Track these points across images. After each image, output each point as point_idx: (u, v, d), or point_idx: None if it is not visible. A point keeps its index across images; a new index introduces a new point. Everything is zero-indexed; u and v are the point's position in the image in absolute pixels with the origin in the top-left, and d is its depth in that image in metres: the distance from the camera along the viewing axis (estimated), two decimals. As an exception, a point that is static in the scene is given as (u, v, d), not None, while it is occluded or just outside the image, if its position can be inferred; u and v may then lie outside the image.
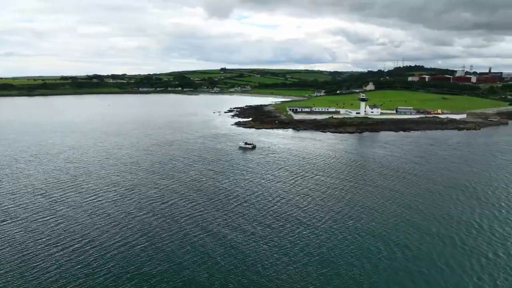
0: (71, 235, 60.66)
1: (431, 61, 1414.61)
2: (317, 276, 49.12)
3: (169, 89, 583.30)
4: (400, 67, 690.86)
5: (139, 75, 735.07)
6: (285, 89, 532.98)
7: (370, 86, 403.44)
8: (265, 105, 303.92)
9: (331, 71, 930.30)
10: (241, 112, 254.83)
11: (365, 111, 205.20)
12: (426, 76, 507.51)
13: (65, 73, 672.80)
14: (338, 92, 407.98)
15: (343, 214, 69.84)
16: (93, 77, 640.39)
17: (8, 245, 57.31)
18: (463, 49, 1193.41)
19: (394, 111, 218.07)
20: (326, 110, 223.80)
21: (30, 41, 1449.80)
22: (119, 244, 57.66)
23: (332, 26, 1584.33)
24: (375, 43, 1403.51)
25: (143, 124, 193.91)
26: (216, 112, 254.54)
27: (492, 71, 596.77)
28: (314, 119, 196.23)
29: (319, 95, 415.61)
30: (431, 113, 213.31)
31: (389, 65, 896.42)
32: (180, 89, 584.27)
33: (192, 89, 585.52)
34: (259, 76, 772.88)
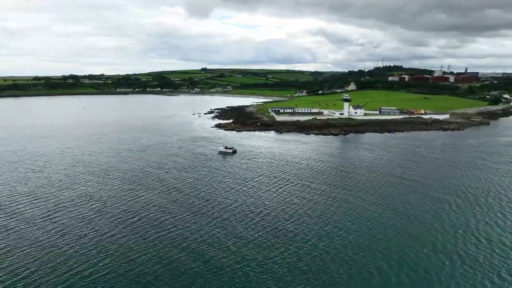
0: (19, 260, 51.65)
1: (409, 61, 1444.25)
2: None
3: (148, 89, 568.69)
4: (380, 67, 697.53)
5: (117, 75, 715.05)
6: (266, 89, 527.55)
7: (352, 86, 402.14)
8: (247, 106, 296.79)
9: (312, 71, 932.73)
10: (221, 114, 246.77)
11: (348, 112, 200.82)
12: (406, 76, 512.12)
13: (41, 74, 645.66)
14: (320, 92, 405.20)
15: (332, 225, 63.31)
16: (69, 77, 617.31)
17: None
18: (438, 49, 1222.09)
19: (378, 112, 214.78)
20: (309, 111, 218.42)
21: (2, 40, 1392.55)
22: (79, 269, 49.17)
23: (313, 26, 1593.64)
24: (354, 43, 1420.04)
25: (116, 127, 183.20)
26: (195, 114, 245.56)
27: (468, 71, 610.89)
28: (297, 121, 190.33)
29: (301, 95, 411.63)
30: (414, 113, 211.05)
31: (369, 65, 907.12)
32: (159, 89, 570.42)
33: (171, 89, 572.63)
34: (240, 76, 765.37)
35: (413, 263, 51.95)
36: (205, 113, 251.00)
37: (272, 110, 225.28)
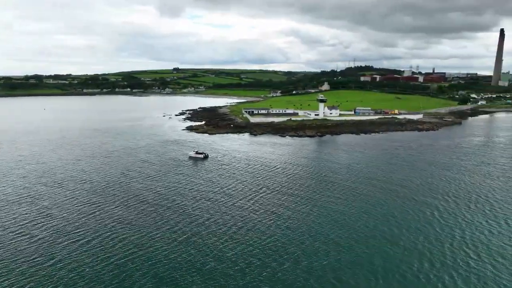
0: None
1: (378, 61, 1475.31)
2: None
3: (117, 90, 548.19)
4: (351, 67, 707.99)
5: (86, 75, 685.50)
6: (240, 90, 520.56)
7: (325, 86, 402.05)
8: (220, 107, 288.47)
9: (285, 71, 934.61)
10: (193, 115, 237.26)
11: (324, 113, 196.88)
12: (377, 76, 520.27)
13: (1, 73, 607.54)
14: (294, 92, 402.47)
15: (313, 238, 56.87)
16: (32, 77, 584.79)
17: None
18: (406, 50, 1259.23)
19: (353, 112, 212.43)
20: (284, 112, 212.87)
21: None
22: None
23: (285, 27, 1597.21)
24: (326, 44, 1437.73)
25: (78, 131, 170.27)
26: (166, 116, 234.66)
27: (436, 72, 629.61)
28: (271, 122, 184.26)
29: (275, 95, 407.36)
30: (388, 113, 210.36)
31: (341, 66, 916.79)
32: (129, 90, 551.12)
33: (142, 90, 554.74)
34: (213, 76, 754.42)
35: (400, 271, 46.36)
36: (176, 115, 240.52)
37: (246, 111, 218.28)
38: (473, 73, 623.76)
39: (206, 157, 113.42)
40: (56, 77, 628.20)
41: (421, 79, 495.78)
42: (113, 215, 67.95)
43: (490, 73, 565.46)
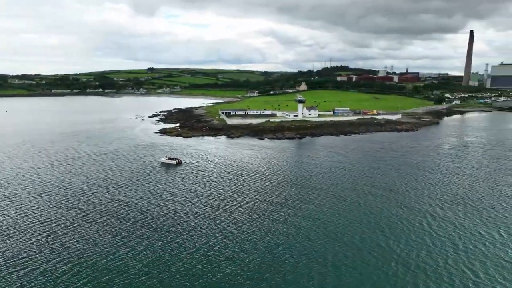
0: None
1: (354, 62, 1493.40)
2: None
3: (88, 90, 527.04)
4: (328, 67, 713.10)
5: (57, 75, 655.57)
6: (217, 90, 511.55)
7: (303, 86, 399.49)
8: (196, 108, 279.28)
9: (262, 71, 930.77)
10: (168, 117, 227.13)
11: (302, 113, 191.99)
12: (353, 76, 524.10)
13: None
14: (272, 92, 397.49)
15: (295, 267, 50.58)
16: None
17: None
18: (379, 51, 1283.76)
19: (332, 113, 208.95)
20: (262, 113, 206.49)
21: None
22: None
23: (263, 27, 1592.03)
24: (302, 44, 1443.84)
25: (40, 135, 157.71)
26: (138, 117, 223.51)
27: (409, 71, 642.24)
28: (249, 124, 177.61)
29: (252, 95, 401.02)
30: (367, 113, 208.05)
31: (317, 66, 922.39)
32: (101, 90, 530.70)
33: (114, 90, 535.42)
34: (189, 76, 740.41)
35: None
36: (150, 116, 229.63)
37: (223, 112, 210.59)
38: (444, 73, 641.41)
39: (179, 163, 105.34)
40: (23, 77, 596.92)
41: (396, 79, 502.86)
42: (71, 232, 59.26)
43: (459, 73, 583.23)
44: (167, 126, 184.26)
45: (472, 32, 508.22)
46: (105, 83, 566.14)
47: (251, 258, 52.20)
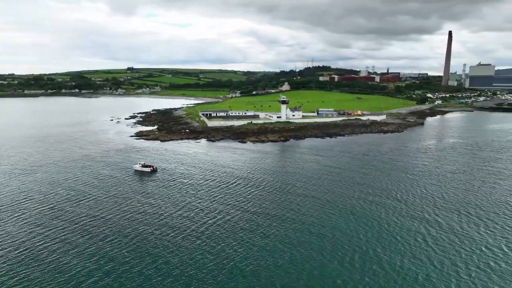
0: None
1: (335, 62, 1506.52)
2: None
3: (64, 91, 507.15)
4: (310, 67, 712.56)
5: (31, 75, 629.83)
6: (198, 90, 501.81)
7: (286, 86, 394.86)
8: (175, 109, 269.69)
9: (244, 71, 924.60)
10: (145, 119, 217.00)
11: (286, 115, 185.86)
12: (335, 76, 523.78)
13: None
14: (255, 92, 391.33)
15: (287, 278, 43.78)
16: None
17: None
18: (360, 51, 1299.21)
19: (316, 114, 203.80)
20: (244, 114, 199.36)
21: None
22: None
23: (244, 27, 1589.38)
24: (283, 44, 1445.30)
25: (4, 139, 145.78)
26: (114, 119, 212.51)
27: (390, 72, 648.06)
28: (231, 126, 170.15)
29: (234, 96, 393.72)
30: (352, 114, 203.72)
31: (299, 66, 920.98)
32: (77, 91, 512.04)
33: (91, 90, 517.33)
34: (170, 76, 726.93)
35: None
36: (126, 118, 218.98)
37: (203, 114, 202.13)
38: (423, 73, 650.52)
39: (154, 170, 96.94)
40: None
41: (377, 79, 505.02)
42: (28, 250, 50.50)
43: (437, 73, 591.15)
44: (144, 128, 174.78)
45: (450, 33, 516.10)
46: (82, 83, 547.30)
47: (232, 285, 44.98)
